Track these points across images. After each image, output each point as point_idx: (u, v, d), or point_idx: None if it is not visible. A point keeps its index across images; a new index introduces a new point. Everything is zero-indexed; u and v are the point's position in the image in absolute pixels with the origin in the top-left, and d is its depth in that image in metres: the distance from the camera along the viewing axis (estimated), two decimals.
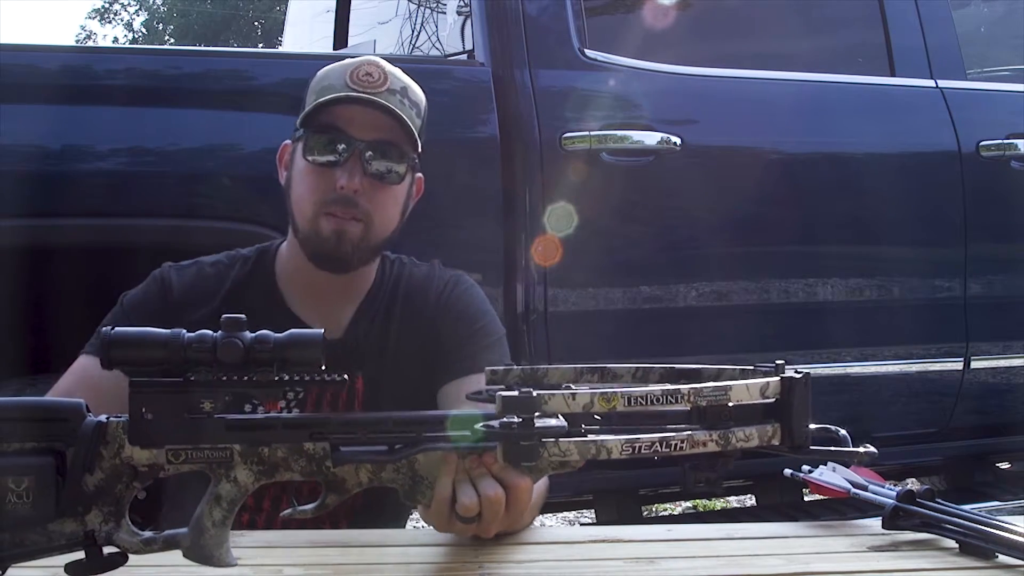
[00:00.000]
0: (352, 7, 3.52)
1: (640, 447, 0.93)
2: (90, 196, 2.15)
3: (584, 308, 2.48)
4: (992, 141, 2.82)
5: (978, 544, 1.21)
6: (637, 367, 1.14)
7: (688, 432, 0.95)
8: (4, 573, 0.97)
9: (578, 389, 0.96)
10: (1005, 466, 3.34)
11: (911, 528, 1.28)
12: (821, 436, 1.34)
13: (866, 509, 1.36)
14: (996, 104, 2.92)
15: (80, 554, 0.98)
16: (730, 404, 0.96)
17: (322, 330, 0.99)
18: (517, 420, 0.93)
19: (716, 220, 2.61)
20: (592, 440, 0.94)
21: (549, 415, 0.95)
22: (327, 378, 0.98)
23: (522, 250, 2.41)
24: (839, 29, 2.97)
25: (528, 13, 2.48)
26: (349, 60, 1.55)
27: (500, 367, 1.12)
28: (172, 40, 30.13)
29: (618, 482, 2.68)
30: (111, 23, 33.64)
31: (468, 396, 1.14)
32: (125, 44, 26.75)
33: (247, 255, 1.60)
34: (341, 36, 3.53)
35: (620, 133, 2.50)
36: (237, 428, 0.99)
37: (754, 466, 2.50)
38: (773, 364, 1.01)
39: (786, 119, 2.74)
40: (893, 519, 1.29)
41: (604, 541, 1.31)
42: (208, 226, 2.19)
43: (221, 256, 1.60)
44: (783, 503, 2.86)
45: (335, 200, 1.48)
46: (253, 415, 1.01)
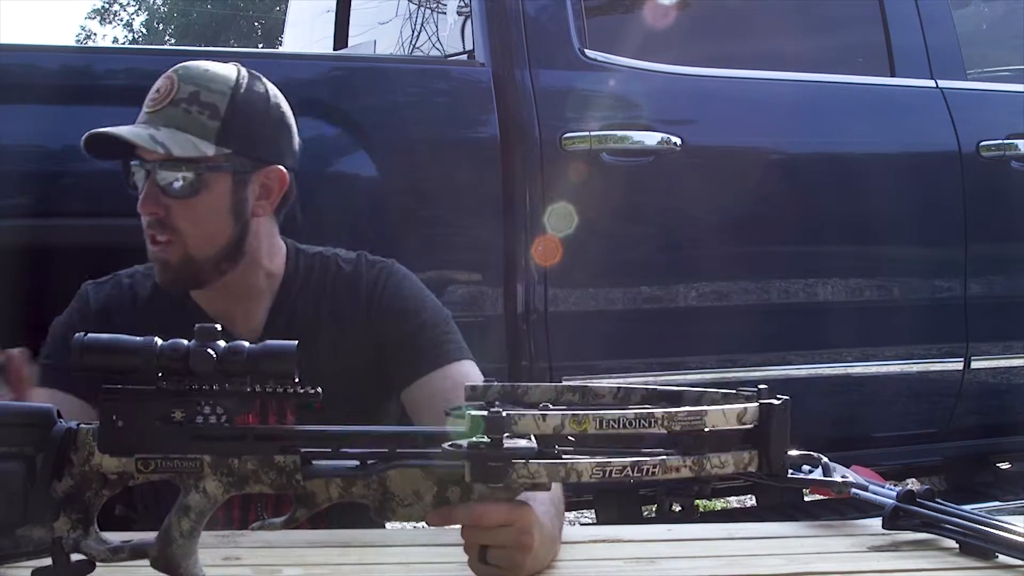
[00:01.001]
0: (352, 7, 3.52)
1: (611, 471, 0.91)
2: (90, 196, 2.15)
3: (584, 308, 2.48)
4: (992, 141, 2.82)
5: (978, 544, 1.21)
6: (619, 387, 1.13)
7: (661, 457, 0.94)
8: None
9: (548, 411, 0.95)
10: (1005, 466, 3.33)
11: (911, 528, 1.28)
12: (802, 462, 1.35)
13: (866, 509, 1.36)
14: (996, 104, 2.92)
15: (48, 560, 0.97)
16: (706, 430, 0.94)
17: (295, 342, 0.98)
18: (486, 440, 0.92)
19: (716, 220, 2.61)
20: (562, 463, 0.93)
21: (520, 436, 0.93)
22: (300, 391, 0.97)
23: (522, 250, 2.41)
24: (839, 29, 2.97)
25: (528, 13, 2.48)
26: None
27: (479, 384, 1.10)
28: (172, 40, 30.13)
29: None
30: (111, 23, 33.69)
31: (446, 412, 1.13)
32: (125, 44, 26.74)
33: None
34: (341, 36, 3.53)
35: (620, 133, 2.50)
36: (207, 439, 0.97)
37: None
38: (756, 389, 0.99)
39: (786, 119, 2.74)
40: (893, 519, 1.29)
41: (604, 541, 1.31)
42: None
43: (139, 267, 1.60)
44: (783, 503, 2.86)
45: (147, 224, 1.47)
46: (224, 426, 0.99)
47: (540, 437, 0.94)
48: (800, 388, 2.59)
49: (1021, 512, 2.80)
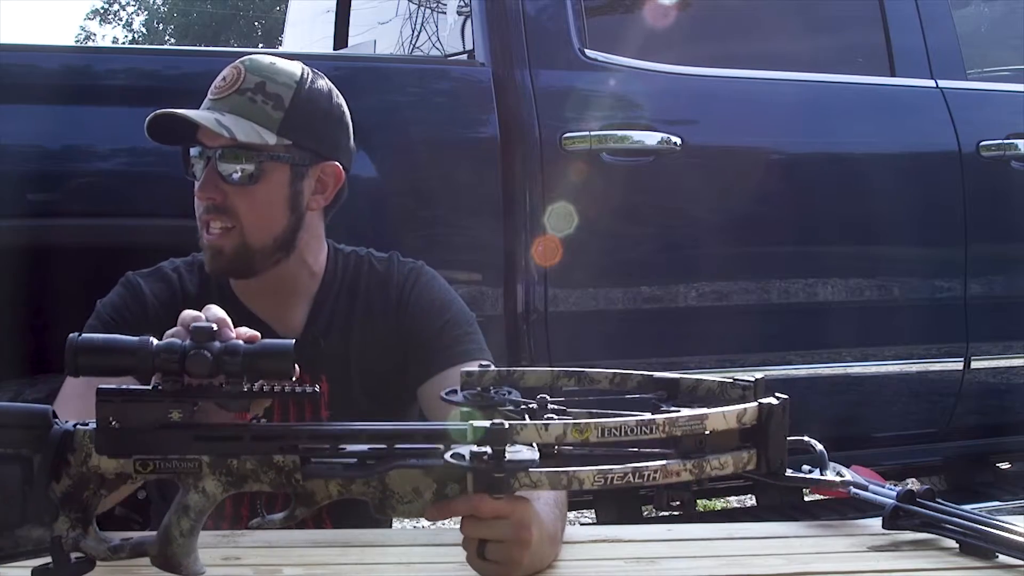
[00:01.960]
0: (352, 7, 3.52)
1: (612, 478, 0.92)
2: (90, 196, 2.15)
3: (584, 308, 2.48)
4: (992, 141, 2.82)
5: (978, 544, 1.21)
6: (615, 373, 1.13)
7: (662, 463, 0.94)
8: None
9: (551, 421, 0.95)
10: (1005, 466, 3.33)
11: (911, 528, 1.28)
12: (798, 448, 1.35)
13: (866, 509, 1.36)
14: (996, 104, 2.92)
15: (48, 559, 0.97)
16: (706, 432, 0.94)
17: (292, 340, 0.98)
18: (488, 452, 0.92)
19: (716, 220, 2.61)
20: (564, 471, 0.93)
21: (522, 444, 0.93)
22: (297, 389, 0.98)
23: (522, 250, 2.41)
24: (839, 29, 2.97)
25: (528, 13, 2.48)
26: None
27: (475, 369, 1.10)
28: (172, 40, 30.13)
29: None
30: (111, 24, 33.67)
31: (442, 397, 1.13)
32: (125, 44, 26.74)
33: (201, 260, 1.59)
34: (341, 36, 3.53)
35: (620, 133, 2.50)
36: (205, 439, 0.97)
37: None
38: (752, 380, 0.99)
39: (786, 119, 2.74)
40: (893, 519, 1.29)
41: (604, 541, 1.31)
42: None
43: (176, 261, 1.60)
44: (783, 503, 2.86)
45: (204, 210, 1.49)
46: (222, 426, 0.99)
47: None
48: (800, 388, 2.59)
49: (1021, 512, 2.80)
